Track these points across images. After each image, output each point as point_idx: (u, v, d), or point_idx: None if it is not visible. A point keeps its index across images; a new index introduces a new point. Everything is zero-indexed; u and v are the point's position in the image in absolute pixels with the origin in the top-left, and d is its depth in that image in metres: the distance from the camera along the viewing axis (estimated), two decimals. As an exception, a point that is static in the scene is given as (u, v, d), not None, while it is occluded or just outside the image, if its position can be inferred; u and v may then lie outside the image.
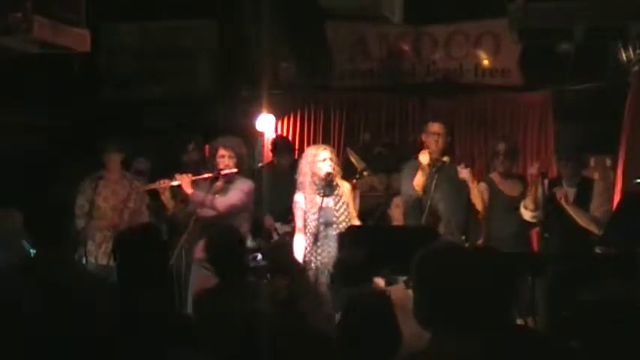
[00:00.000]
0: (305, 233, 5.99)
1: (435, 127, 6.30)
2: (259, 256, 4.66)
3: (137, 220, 6.60)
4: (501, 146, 6.43)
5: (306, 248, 5.92)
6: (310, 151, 6.15)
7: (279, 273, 4.27)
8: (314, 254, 5.87)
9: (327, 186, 5.93)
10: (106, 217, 6.71)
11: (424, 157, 6.09)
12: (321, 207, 5.88)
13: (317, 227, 5.86)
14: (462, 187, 6.27)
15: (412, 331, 2.70)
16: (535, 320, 5.42)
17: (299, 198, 6.05)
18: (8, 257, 3.97)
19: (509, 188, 6.35)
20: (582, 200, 5.98)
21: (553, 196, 5.91)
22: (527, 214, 6.06)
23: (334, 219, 5.95)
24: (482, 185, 6.36)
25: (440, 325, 2.39)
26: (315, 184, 5.96)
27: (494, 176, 6.46)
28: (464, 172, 6.21)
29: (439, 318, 2.40)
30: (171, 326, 3.12)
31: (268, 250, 5.52)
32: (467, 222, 6.30)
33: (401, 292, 4.47)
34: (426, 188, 6.08)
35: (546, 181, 6.02)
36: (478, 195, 6.24)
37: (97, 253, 6.60)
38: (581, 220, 5.87)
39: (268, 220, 6.91)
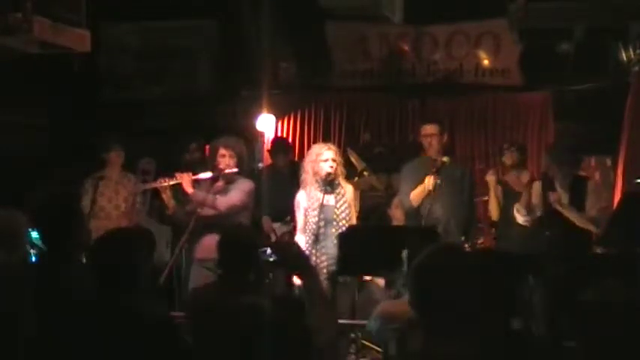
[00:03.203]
0: (305, 232, 5.99)
1: (428, 128, 6.29)
2: (268, 251, 4.60)
3: (136, 220, 6.60)
4: (509, 143, 6.62)
5: (306, 248, 5.92)
6: (314, 150, 6.15)
7: (287, 269, 4.23)
8: (313, 254, 5.87)
9: (329, 185, 5.94)
10: (109, 218, 6.68)
11: (430, 181, 6.05)
12: (322, 204, 5.88)
13: (317, 225, 5.86)
14: (463, 186, 6.27)
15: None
16: (535, 320, 5.42)
17: (300, 196, 6.05)
18: (11, 258, 3.97)
19: (521, 185, 6.36)
20: (577, 200, 5.98)
21: (547, 201, 5.93)
22: (519, 218, 6.10)
23: (334, 217, 5.95)
24: (499, 189, 6.40)
25: (436, 325, 2.39)
26: (317, 182, 5.97)
27: (509, 176, 6.49)
28: (490, 178, 6.27)
29: (435, 319, 2.40)
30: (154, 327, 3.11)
31: (278, 246, 5.45)
32: (468, 222, 6.31)
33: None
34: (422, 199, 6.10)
35: (538, 183, 6.06)
36: (495, 202, 6.30)
37: None
38: (578, 220, 5.88)
39: (266, 222, 6.91)
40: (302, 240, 5.96)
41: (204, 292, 4.22)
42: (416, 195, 6.09)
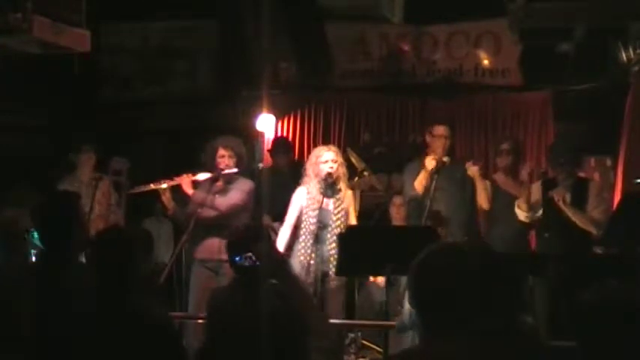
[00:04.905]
0: (297, 231, 5.98)
1: (441, 129, 6.31)
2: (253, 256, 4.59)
3: (114, 221, 6.51)
4: (505, 145, 6.50)
5: (301, 249, 5.93)
6: (314, 152, 6.18)
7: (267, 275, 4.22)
8: (311, 256, 5.88)
9: (329, 187, 5.94)
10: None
11: (430, 162, 6.08)
12: (321, 207, 5.89)
13: (316, 227, 5.86)
14: (464, 186, 6.27)
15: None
16: (535, 320, 5.42)
17: (301, 192, 6.04)
18: (15, 258, 3.97)
19: (513, 187, 6.35)
20: (578, 202, 5.96)
21: (551, 199, 5.90)
22: (521, 215, 6.08)
23: (330, 222, 5.95)
24: (487, 183, 6.38)
25: (436, 325, 2.39)
26: (319, 184, 5.97)
27: (498, 176, 6.48)
28: (473, 169, 6.24)
29: (435, 319, 2.39)
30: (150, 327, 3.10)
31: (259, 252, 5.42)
32: (470, 221, 6.30)
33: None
34: (426, 189, 6.09)
35: (538, 183, 6.04)
36: (484, 192, 6.26)
37: None
38: (580, 221, 5.85)
39: (266, 220, 6.91)
40: (285, 234, 5.96)
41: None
42: (418, 181, 6.11)
